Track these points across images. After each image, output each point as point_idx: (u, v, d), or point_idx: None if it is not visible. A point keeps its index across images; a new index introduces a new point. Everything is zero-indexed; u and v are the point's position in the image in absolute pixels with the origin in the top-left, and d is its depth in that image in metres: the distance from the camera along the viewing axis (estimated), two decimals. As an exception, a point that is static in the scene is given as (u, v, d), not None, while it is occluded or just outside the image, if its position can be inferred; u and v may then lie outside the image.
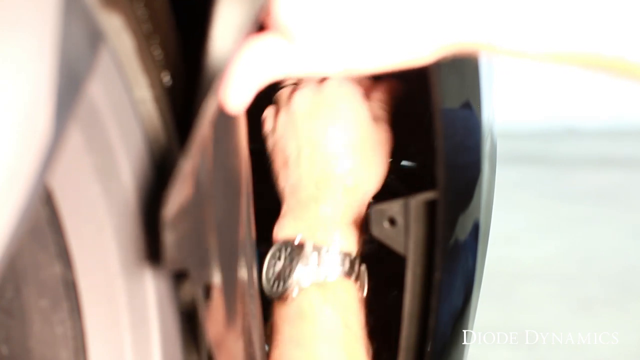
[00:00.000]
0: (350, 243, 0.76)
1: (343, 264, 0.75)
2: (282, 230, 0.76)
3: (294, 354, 0.72)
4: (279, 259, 0.75)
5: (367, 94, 0.79)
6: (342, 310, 0.74)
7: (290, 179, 0.76)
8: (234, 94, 0.57)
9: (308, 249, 0.74)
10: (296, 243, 0.75)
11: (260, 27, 0.57)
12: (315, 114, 0.75)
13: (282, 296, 0.75)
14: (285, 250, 0.75)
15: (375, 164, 0.78)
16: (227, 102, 0.57)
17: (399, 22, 0.55)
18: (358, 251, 0.77)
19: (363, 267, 0.78)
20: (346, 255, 0.75)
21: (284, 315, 0.74)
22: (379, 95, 0.80)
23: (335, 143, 0.74)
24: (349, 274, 0.75)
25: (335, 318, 0.73)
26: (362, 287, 0.78)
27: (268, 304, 0.76)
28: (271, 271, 0.75)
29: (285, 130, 0.76)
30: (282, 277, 0.74)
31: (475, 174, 0.82)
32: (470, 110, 0.81)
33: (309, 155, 0.74)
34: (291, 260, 0.74)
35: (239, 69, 0.56)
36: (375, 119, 0.78)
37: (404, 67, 0.57)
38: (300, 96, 0.76)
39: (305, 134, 0.75)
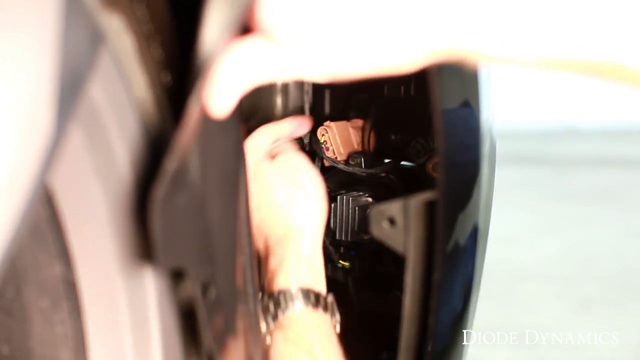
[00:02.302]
0: (299, 279, 0.80)
1: (297, 299, 0.79)
2: None
3: None
4: None
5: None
6: (305, 344, 0.77)
7: (256, 244, 0.83)
8: (217, 98, 0.55)
9: (264, 299, 0.79)
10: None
11: (245, 29, 0.56)
12: (268, 187, 0.85)
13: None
14: None
15: (297, 206, 0.85)
16: (211, 106, 0.56)
17: (387, 27, 0.54)
18: (312, 279, 0.82)
19: (330, 299, 0.82)
20: (299, 289, 0.79)
21: None
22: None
23: (260, 209, 0.84)
24: (315, 306, 0.79)
25: (298, 353, 0.76)
26: (333, 316, 0.82)
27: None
28: None
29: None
30: None
31: (475, 174, 0.82)
32: (469, 110, 0.81)
33: (260, 219, 0.83)
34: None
35: (222, 73, 0.55)
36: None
37: (390, 73, 0.56)
38: (260, 171, 0.86)
39: (260, 203, 0.84)
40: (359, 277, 1.04)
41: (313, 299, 0.80)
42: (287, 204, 0.84)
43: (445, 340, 0.83)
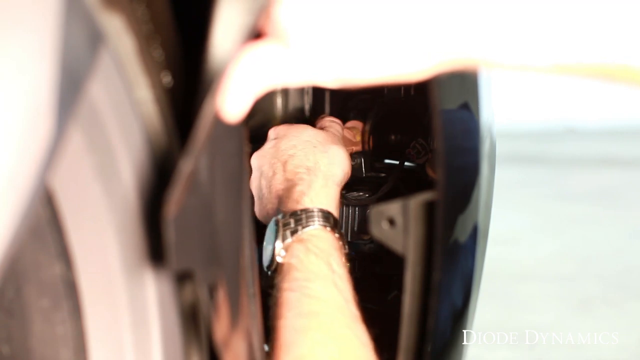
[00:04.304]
0: (323, 204, 0.87)
1: (318, 218, 0.84)
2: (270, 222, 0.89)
3: (291, 297, 0.79)
4: (268, 240, 0.85)
5: None
6: (325, 256, 0.82)
7: (272, 187, 0.92)
8: (231, 103, 0.56)
9: (286, 217, 0.85)
10: (277, 219, 0.85)
11: (259, 33, 0.57)
12: (278, 142, 0.96)
13: (276, 266, 0.83)
14: (270, 230, 0.85)
15: (327, 151, 0.94)
16: (225, 111, 0.56)
17: (397, 36, 0.54)
18: (333, 209, 0.89)
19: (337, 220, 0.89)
20: (320, 211, 0.85)
21: (280, 276, 0.82)
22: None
23: (292, 149, 0.94)
24: (324, 225, 0.84)
25: (320, 263, 0.81)
26: (339, 236, 0.86)
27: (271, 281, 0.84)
28: (266, 253, 0.84)
29: (261, 159, 0.95)
30: (272, 250, 0.83)
31: (474, 174, 0.82)
32: (469, 111, 0.81)
33: (279, 165, 0.92)
34: (276, 232, 0.84)
35: (236, 78, 0.56)
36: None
37: (400, 81, 0.57)
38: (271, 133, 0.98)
39: (275, 154, 0.94)
40: (359, 277, 1.04)
41: (332, 221, 0.85)
42: (321, 150, 0.94)
43: (445, 340, 0.83)
